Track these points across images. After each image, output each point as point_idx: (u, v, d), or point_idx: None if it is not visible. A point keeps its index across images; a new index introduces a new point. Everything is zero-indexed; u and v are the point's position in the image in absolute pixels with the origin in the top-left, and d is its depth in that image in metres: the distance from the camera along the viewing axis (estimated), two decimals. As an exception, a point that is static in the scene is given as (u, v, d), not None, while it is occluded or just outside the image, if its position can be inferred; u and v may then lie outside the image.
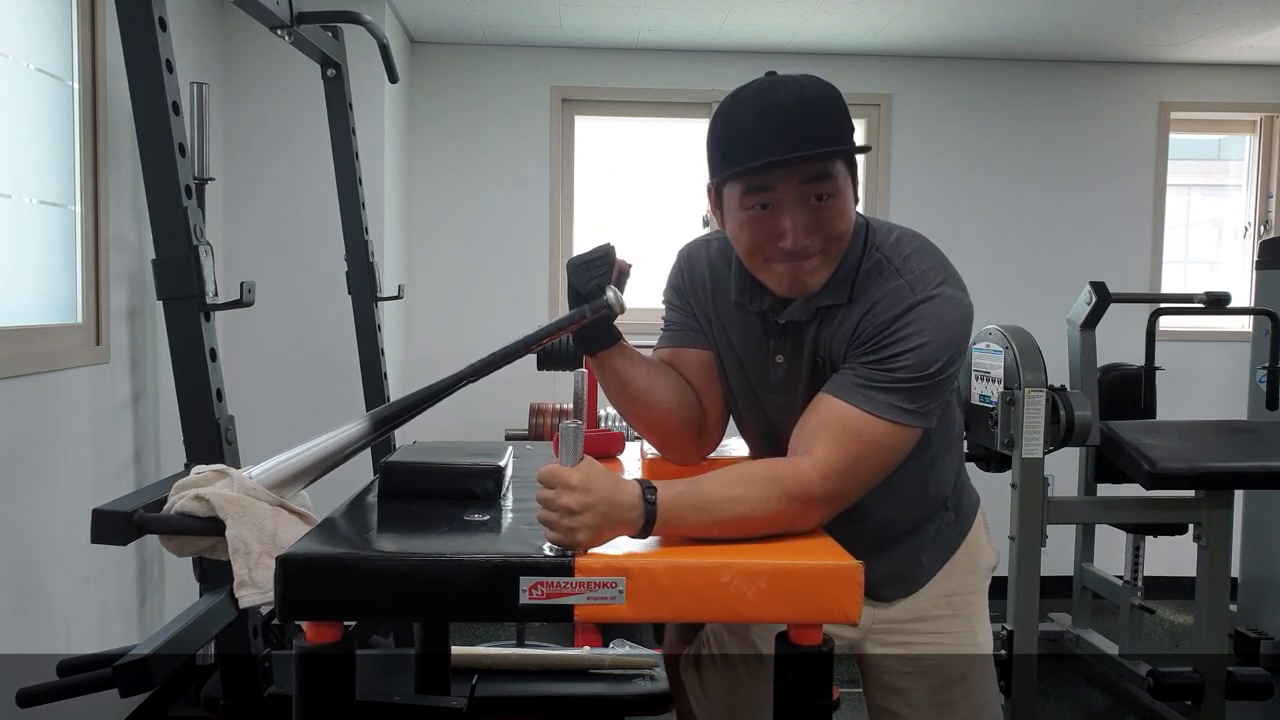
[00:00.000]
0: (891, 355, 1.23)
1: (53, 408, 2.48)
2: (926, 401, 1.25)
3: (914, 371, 1.23)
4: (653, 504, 1.09)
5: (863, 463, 1.22)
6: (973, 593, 1.57)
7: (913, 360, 1.22)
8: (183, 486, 1.18)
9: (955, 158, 4.51)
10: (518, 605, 0.96)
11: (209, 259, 1.82)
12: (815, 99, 1.22)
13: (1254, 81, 4.60)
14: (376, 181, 3.71)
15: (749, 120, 1.20)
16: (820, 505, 1.20)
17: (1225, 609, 2.97)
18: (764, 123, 1.19)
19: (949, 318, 1.25)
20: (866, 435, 1.22)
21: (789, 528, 1.18)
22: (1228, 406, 4.23)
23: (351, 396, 3.23)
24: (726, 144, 1.24)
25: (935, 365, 1.23)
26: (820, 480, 1.19)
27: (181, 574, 3.09)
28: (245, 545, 1.12)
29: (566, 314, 1.27)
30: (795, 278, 1.26)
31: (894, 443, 1.24)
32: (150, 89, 1.78)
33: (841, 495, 1.22)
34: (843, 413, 1.23)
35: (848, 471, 1.21)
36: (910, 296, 1.25)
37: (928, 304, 1.24)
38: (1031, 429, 2.88)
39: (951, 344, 1.25)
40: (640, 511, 1.08)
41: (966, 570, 1.57)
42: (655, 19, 3.95)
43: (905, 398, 1.23)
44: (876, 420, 1.22)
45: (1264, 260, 3.69)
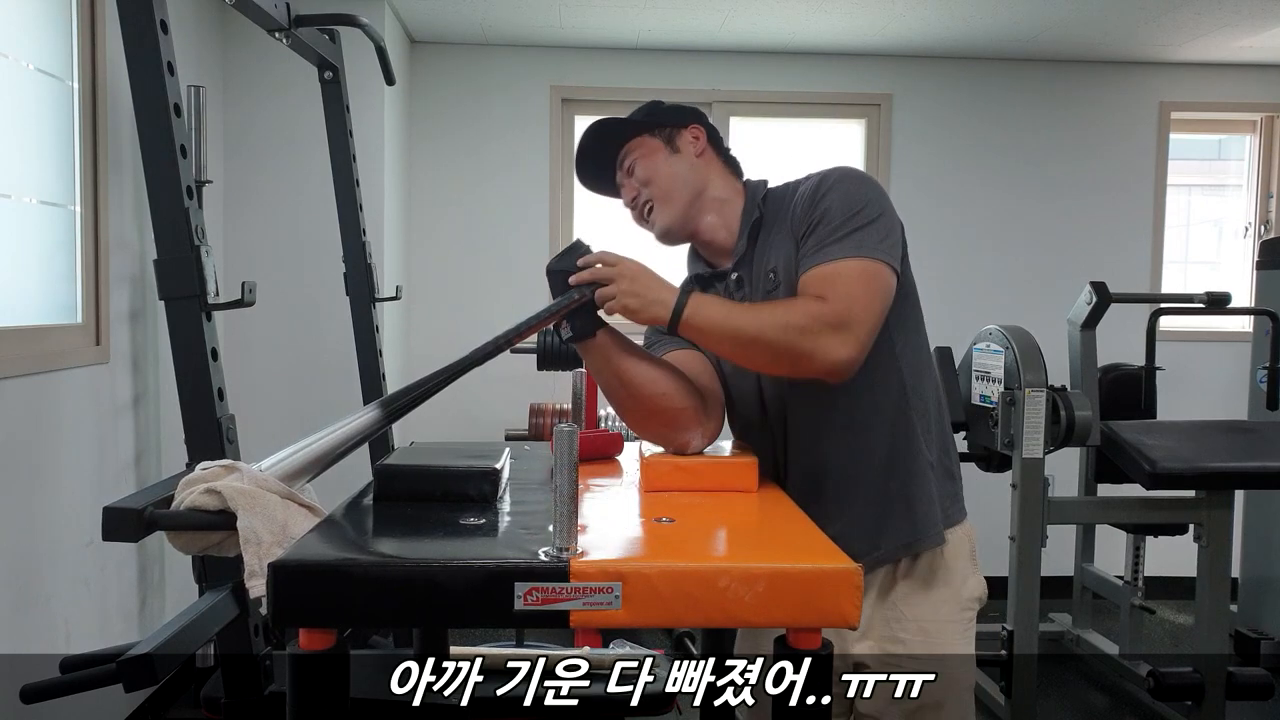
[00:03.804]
0: (822, 214, 1.39)
1: (53, 408, 2.48)
2: (879, 240, 1.37)
3: (847, 213, 1.37)
4: (687, 291, 1.33)
5: (855, 286, 1.34)
6: (949, 622, 1.51)
7: (839, 203, 1.38)
8: (190, 482, 1.18)
9: (955, 158, 4.51)
10: (513, 611, 0.95)
11: (210, 259, 1.83)
12: (617, 118, 1.59)
13: (1254, 81, 4.60)
14: (376, 182, 3.72)
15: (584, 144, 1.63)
16: (835, 324, 1.30)
17: (1225, 609, 2.97)
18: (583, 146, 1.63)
19: (853, 172, 1.45)
20: (845, 271, 1.35)
21: (809, 354, 1.30)
22: (1228, 406, 4.23)
23: (351, 396, 3.23)
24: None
25: (863, 203, 1.38)
26: (829, 301, 1.31)
27: (182, 574, 3.09)
28: (256, 536, 1.12)
29: (556, 300, 1.34)
30: (651, 223, 1.58)
31: (872, 274, 1.36)
32: (151, 91, 1.79)
33: (850, 315, 1.31)
34: (816, 272, 1.37)
35: (848, 294, 1.32)
36: (816, 175, 1.47)
37: (830, 170, 1.46)
38: (1032, 429, 2.88)
39: (867, 184, 1.43)
40: (674, 292, 1.33)
41: (945, 599, 1.51)
42: (655, 19, 3.95)
43: (857, 239, 1.36)
44: (845, 261, 1.35)
45: (1264, 260, 3.69)
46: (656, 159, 1.56)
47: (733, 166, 1.61)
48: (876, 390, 1.46)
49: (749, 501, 1.31)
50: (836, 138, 4.62)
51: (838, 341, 1.30)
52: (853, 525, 1.43)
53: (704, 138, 1.58)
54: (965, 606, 1.54)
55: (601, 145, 1.60)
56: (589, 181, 1.66)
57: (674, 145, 1.56)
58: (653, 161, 1.56)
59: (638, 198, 1.57)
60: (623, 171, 1.60)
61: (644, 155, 1.57)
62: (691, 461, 1.39)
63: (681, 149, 1.56)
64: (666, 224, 1.56)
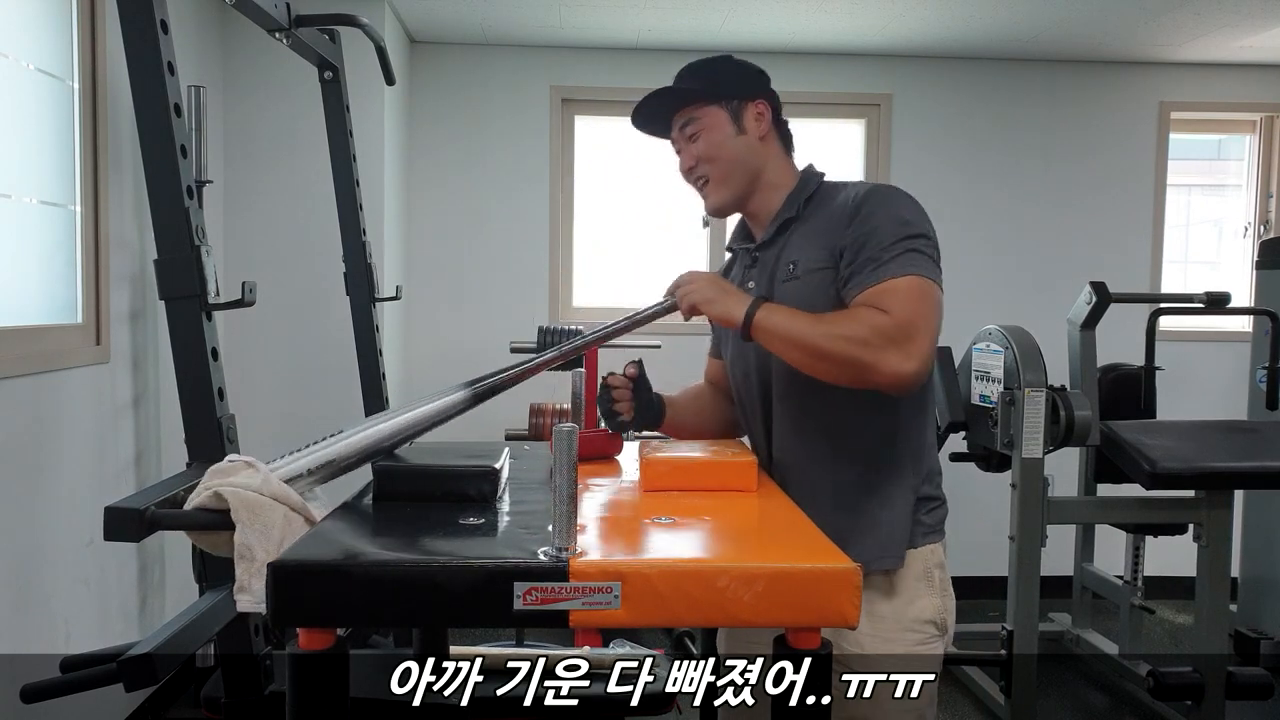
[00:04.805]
0: (870, 231, 1.40)
1: (53, 408, 2.48)
2: (929, 259, 1.40)
3: (896, 233, 1.39)
4: (759, 301, 1.38)
5: (913, 302, 1.35)
6: (887, 640, 1.46)
7: (888, 222, 1.40)
8: (213, 473, 1.18)
9: (955, 158, 4.51)
10: (512, 611, 0.95)
11: (210, 259, 1.83)
12: (696, 66, 1.56)
13: (1254, 81, 4.60)
14: (376, 182, 3.72)
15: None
16: (898, 337, 1.31)
17: (1225, 609, 2.97)
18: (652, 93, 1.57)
19: (897, 191, 1.48)
20: (901, 287, 1.36)
21: (871, 367, 1.32)
22: (1228, 406, 4.23)
23: (351, 396, 3.23)
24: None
25: (911, 222, 1.41)
26: (890, 314, 1.33)
27: (182, 574, 3.09)
28: (250, 552, 1.12)
29: (652, 305, 1.48)
30: (704, 196, 1.59)
31: (928, 291, 1.37)
32: (152, 91, 1.79)
33: (912, 329, 1.32)
34: (872, 290, 1.37)
35: (907, 309, 1.33)
36: (860, 188, 1.48)
37: (874, 189, 1.48)
38: (1031, 429, 2.88)
39: (912, 203, 1.45)
40: (747, 300, 1.39)
41: (885, 615, 1.46)
42: (655, 19, 3.95)
43: (909, 258, 1.37)
44: (901, 279, 1.36)
45: (1264, 260, 3.69)
46: (720, 136, 1.55)
47: (788, 143, 1.63)
48: (867, 408, 1.46)
49: (749, 501, 1.31)
50: (836, 138, 4.61)
51: (901, 355, 1.32)
52: (824, 526, 1.42)
53: (768, 116, 1.57)
54: (909, 628, 1.48)
55: (660, 99, 1.57)
56: (641, 122, 1.63)
57: (740, 123, 1.55)
58: (716, 138, 1.55)
59: (695, 169, 1.57)
60: (681, 134, 1.58)
61: (708, 129, 1.55)
62: (691, 461, 1.39)
63: (747, 128, 1.55)
64: (720, 203, 1.58)
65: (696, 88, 1.55)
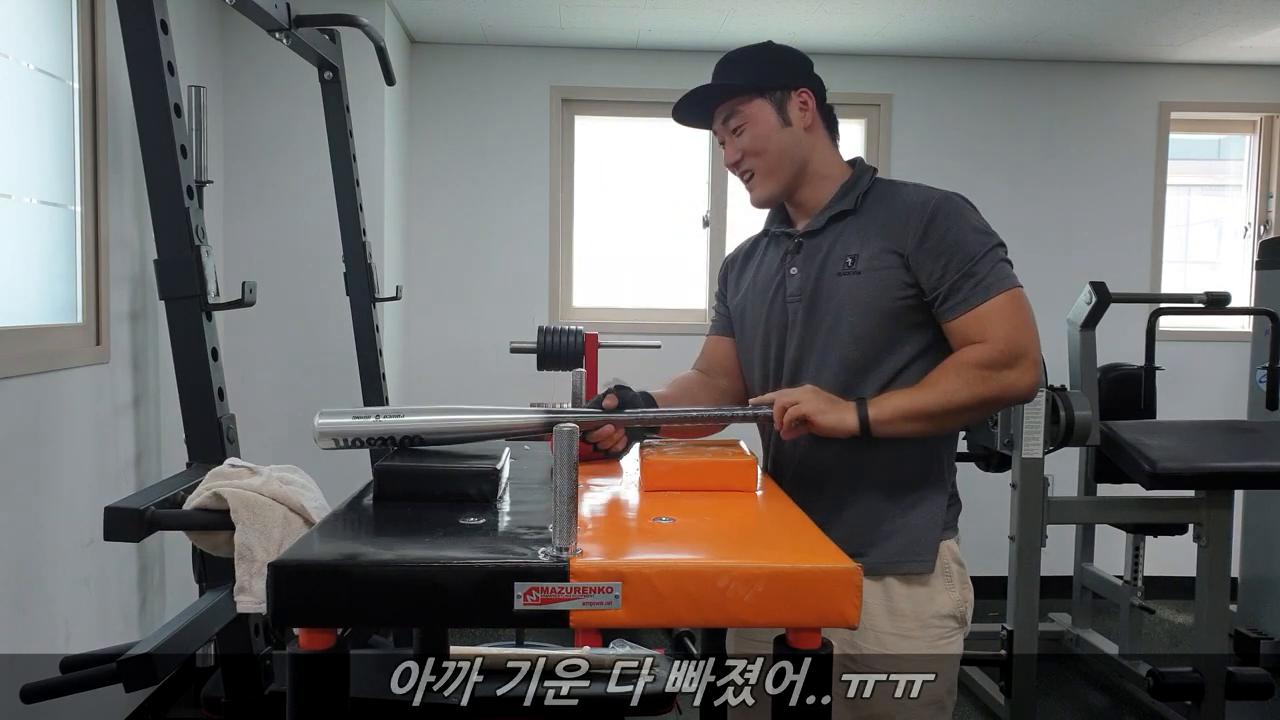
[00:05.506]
0: (952, 248, 1.43)
1: (53, 408, 2.48)
2: (1010, 266, 1.45)
3: (982, 246, 1.43)
4: (863, 402, 1.39)
5: (1009, 318, 1.40)
6: (909, 637, 1.47)
7: (970, 237, 1.44)
8: (213, 476, 1.18)
9: (955, 158, 4.51)
10: (512, 611, 0.95)
11: (210, 259, 1.83)
12: (737, 55, 1.56)
13: (1254, 81, 4.59)
14: (376, 182, 3.72)
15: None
16: (1008, 359, 1.38)
17: (1225, 609, 2.98)
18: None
19: (967, 203, 1.52)
20: (995, 307, 1.41)
21: (999, 395, 1.39)
22: (1228, 406, 4.22)
23: (351, 397, 3.23)
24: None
25: (990, 234, 1.46)
26: (991, 343, 1.39)
27: (182, 574, 3.09)
28: (250, 552, 1.12)
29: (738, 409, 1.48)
30: (750, 188, 1.60)
31: (1018, 304, 1.43)
32: (152, 91, 1.79)
33: (1018, 347, 1.39)
34: (970, 317, 1.42)
35: (1005, 327, 1.40)
36: (929, 195, 1.49)
37: (948, 198, 1.50)
38: (1031, 429, 2.88)
39: (977, 213, 1.51)
40: (851, 407, 1.38)
41: (907, 613, 1.48)
42: (655, 19, 3.95)
43: (996, 274, 1.42)
44: (993, 299, 1.41)
45: (1264, 260, 3.69)
46: (767, 129, 1.55)
47: (833, 131, 1.63)
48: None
49: (749, 501, 1.31)
50: (836, 138, 4.61)
51: (1016, 374, 1.39)
52: (843, 527, 1.43)
53: (812, 104, 1.56)
54: (929, 624, 1.50)
55: (702, 94, 1.57)
56: (682, 115, 1.62)
57: (785, 115, 1.55)
58: (763, 132, 1.55)
59: (740, 162, 1.57)
60: (724, 127, 1.58)
61: (754, 122, 1.54)
62: (691, 461, 1.38)
63: (792, 120, 1.55)
64: (767, 196, 1.60)
65: (739, 81, 1.54)
